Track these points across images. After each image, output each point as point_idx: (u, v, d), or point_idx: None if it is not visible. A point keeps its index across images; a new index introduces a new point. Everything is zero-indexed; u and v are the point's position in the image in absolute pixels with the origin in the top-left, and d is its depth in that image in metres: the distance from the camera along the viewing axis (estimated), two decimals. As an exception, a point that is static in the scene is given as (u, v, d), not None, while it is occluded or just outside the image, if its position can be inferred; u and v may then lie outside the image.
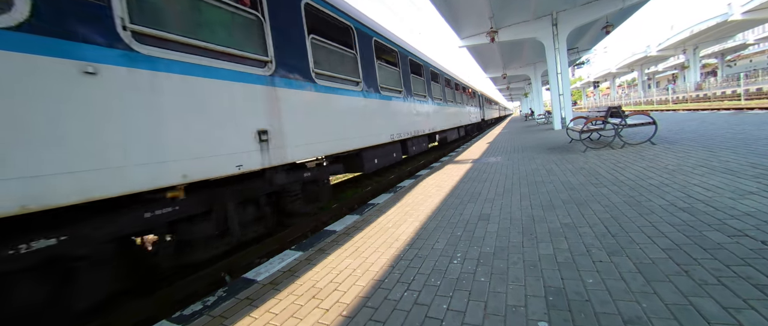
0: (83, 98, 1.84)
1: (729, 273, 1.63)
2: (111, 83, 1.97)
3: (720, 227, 2.16)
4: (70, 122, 1.78)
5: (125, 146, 2.01)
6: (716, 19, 30.13)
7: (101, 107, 1.92)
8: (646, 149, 5.59)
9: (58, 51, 1.76)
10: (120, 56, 2.03)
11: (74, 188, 1.78)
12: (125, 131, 2.02)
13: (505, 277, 1.90)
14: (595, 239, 2.24)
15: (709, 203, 2.61)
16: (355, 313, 1.74)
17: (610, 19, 13.60)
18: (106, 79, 1.95)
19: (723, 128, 7.15)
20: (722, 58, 44.44)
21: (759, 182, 2.98)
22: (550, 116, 17.50)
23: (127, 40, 2.07)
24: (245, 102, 2.88)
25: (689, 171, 3.71)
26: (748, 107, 17.22)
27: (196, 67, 2.50)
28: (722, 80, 30.44)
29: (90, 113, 1.87)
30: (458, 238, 2.62)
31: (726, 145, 5.01)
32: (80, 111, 1.83)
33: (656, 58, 46.72)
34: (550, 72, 12.96)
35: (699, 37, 35.18)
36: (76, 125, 1.81)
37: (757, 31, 36.75)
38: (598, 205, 2.97)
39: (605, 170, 4.37)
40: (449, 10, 11.56)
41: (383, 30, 5.98)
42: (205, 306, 2.01)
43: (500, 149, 8.82)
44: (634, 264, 1.84)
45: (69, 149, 1.77)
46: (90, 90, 1.87)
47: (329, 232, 3.21)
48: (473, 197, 3.85)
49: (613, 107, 6.92)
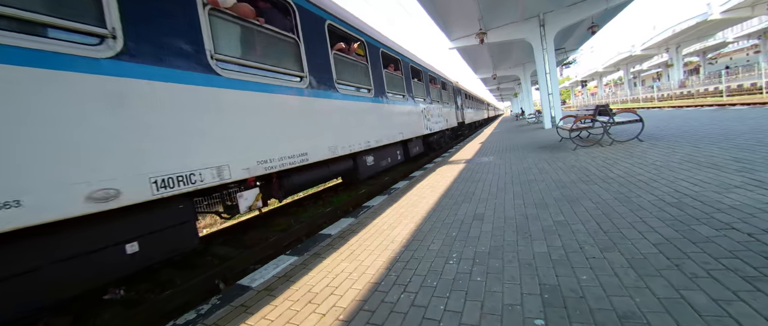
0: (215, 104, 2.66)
1: (718, 266, 1.67)
2: (219, 95, 2.69)
3: (708, 220, 2.22)
4: (206, 121, 2.57)
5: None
6: (696, 18, 31.05)
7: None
8: (634, 146, 5.70)
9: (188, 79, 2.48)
10: (211, 78, 2.67)
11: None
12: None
13: (501, 276, 1.91)
14: (588, 236, 2.27)
15: (697, 198, 2.67)
16: (352, 317, 1.73)
17: (596, 20, 13.90)
18: (207, 93, 2.61)
19: (707, 123, 7.34)
20: (704, 56, 45.76)
21: (743, 175, 3.06)
22: (540, 116, 17.75)
23: (214, 66, 2.69)
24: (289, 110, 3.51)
25: (676, 167, 3.80)
26: (730, 103, 17.76)
27: (258, 84, 3.14)
28: (705, 78, 31.33)
29: (225, 115, 2.73)
30: (453, 238, 2.62)
31: (710, 140, 5.15)
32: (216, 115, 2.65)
33: (641, 58, 47.88)
34: (539, 72, 13.16)
35: (681, 37, 36.20)
36: (214, 125, 2.62)
37: (736, 29, 37.96)
38: (590, 202, 3.02)
39: (595, 168, 4.44)
40: (438, 12, 11.65)
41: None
42: (198, 315, 1.97)
43: (492, 148, 8.90)
44: (627, 260, 1.87)
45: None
46: (215, 98, 2.67)
47: (324, 236, 3.19)
48: (467, 197, 3.87)
49: (601, 106, 7.05)
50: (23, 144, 1.66)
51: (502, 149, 8.52)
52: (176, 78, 2.39)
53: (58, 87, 1.80)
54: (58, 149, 1.78)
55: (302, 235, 4.27)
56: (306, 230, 4.39)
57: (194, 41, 2.56)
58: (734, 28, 37.04)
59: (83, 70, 1.90)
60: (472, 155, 8.11)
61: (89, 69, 1.93)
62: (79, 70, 1.88)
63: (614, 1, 11.30)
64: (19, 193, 1.62)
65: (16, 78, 1.66)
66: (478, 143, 11.04)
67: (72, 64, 1.86)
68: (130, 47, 2.14)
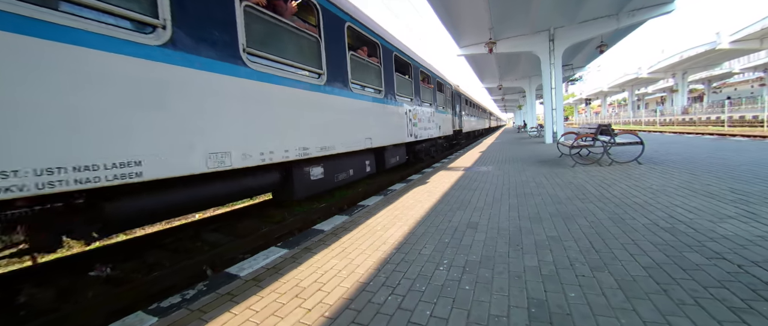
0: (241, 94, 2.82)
1: (706, 295, 1.67)
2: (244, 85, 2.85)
3: (699, 248, 2.22)
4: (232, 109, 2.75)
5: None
6: (705, 46, 31.13)
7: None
8: (632, 168, 5.72)
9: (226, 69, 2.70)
10: (241, 70, 2.85)
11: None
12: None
13: (490, 286, 1.91)
14: (580, 254, 2.27)
15: (690, 225, 2.68)
16: (338, 315, 1.72)
17: (605, 39, 13.94)
18: (237, 83, 2.78)
19: (706, 152, 7.37)
20: (709, 84, 45.98)
21: (737, 207, 3.07)
22: (541, 130, 17.78)
23: (244, 58, 2.87)
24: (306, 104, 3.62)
25: (672, 192, 3.81)
26: (730, 134, 17.84)
27: (282, 78, 3.31)
28: (708, 106, 31.47)
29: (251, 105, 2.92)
30: (446, 245, 2.62)
31: (708, 169, 5.17)
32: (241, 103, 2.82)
33: (646, 80, 48.01)
34: (544, 86, 13.18)
35: (688, 63, 36.30)
36: (240, 113, 2.82)
37: (743, 60, 38.16)
38: (584, 220, 3.02)
39: (592, 187, 4.45)
40: (450, 18, 11.66)
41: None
42: (184, 299, 1.96)
43: (492, 158, 8.91)
44: (616, 281, 1.87)
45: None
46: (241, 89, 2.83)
47: (317, 231, 3.18)
48: (463, 205, 3.87)
49: (603, 125, 7.08)
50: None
51: (501, 159, 8.53)
52: (214, 68, 2.61)
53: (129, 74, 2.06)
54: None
55: (295, 229, 4.26)
56: (299, 224, 4.38)
57: (231, 34, 2.77)
58: (741, 59, 37.23)
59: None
60: (472, 163, 8.11)
61: (143, 55, 2.13)
62: (136, 55, 2.09)
63: (625, 22, 11.33)
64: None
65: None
66: (478, 152, 11.06)
67: (130, 49, 2.06)
68: (176, 37, 2.34)
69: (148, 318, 1.77)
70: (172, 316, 1.79)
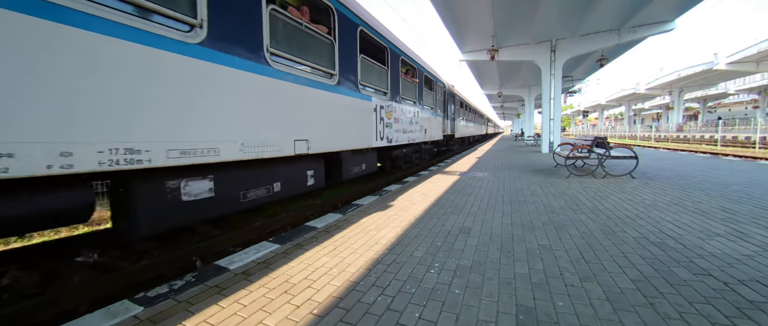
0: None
1: (691, 310, 1.69)
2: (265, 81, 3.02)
3: (687, 264, 2.25)
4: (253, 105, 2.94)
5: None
6: (702, 66, 31.58)
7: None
8: (626, 182, 5.77)
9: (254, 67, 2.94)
10: (264, 68, 3.05)
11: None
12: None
13: (480, 292, 1.92)
14: (570, 264, 2.29)
15: (679, 241, 2.71)
16: (327, 313, 1.71)
17: (605, 53, 14.07)
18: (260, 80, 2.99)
19: (699, 170, 7.47)
20: (704, 103, 46.68)
21: (727, 225, 3.11)
22: (538, 139, 17.90)
23: (268, 58, 3.08)
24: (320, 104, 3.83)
25: (664, 208, 3.85)
26: (723, 153, 18.09)
27: (299, 78, 3.52)
28: (702, 125, 31.90)
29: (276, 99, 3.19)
30: (438, 248, 2.62)
31: (700, 186, 5.23)
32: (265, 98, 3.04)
33: (644, 96, 48.59)
34: (543, 96, 13.27)
35: (685, 81, 36.80)
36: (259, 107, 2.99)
37: (738, 82, 38.76)
38: (576, 230, 3.04)
39: (586, 198, 4.49)
40: (455, 23, 11.70)
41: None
42: (171, 290, 1.94)
43: (488, 165, 8.95)
44: (604, 292, 1.89)
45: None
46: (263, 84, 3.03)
47: (309, 228, 3.17)
48: (456, 210, 3.88)
49: (599, 138, 7.13)
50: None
51: (497, 166, 8.57)
52: (242, 66, 2.81)
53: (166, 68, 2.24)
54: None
55: (287, 224, 4.24)
56: (292, 219, 4.36)
57: (258, 35, 2.98)
58: (737, 80, 37.82)
59: (181, 53, 2.32)
60: (468, 168, 8.14)
61: (184, 52, 2.34)
62: (178, 52, 2.30)
63: (626, 37, 11.45)
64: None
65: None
66: (475, 158, 11.10)
67: (172, 46, 2.26)
68: (212, 36, 2.53)
69: (134, 307, 1.75)
70: (159, 306, 1.77)
